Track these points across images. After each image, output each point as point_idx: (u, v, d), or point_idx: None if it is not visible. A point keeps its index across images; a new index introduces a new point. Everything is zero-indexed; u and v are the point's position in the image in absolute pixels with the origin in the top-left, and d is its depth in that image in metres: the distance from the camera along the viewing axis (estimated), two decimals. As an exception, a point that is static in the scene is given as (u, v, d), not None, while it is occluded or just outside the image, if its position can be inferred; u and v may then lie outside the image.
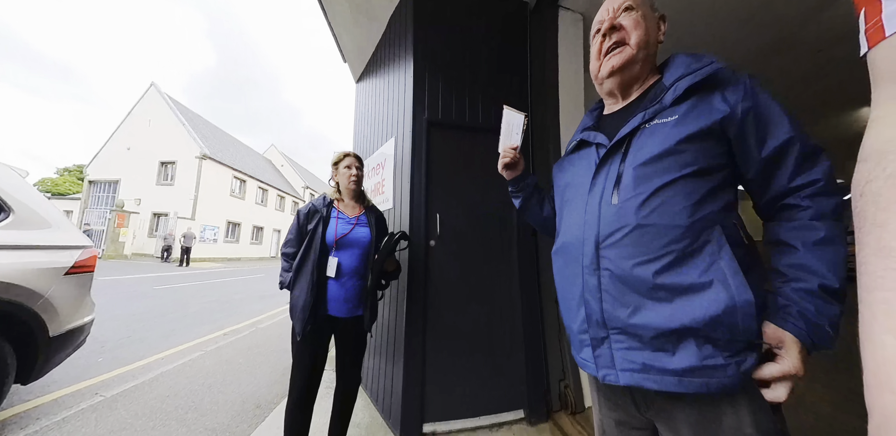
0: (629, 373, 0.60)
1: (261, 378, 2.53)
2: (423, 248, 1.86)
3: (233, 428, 1.83)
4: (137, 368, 2.66)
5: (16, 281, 1.57)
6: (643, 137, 0.64)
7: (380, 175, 2.40)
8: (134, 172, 17.10)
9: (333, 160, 1.53)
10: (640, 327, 0.58)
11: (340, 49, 3.10)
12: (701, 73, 0.61)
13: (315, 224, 1.40)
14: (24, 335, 1.65)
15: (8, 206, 1.70)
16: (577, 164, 0.79)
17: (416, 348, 1.77)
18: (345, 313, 1.38)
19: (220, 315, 4.70)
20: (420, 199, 1.89)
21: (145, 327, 3.86)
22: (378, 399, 1.97)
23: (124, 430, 1.78)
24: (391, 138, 2.23)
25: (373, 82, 2.90)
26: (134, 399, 2.12)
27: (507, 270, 1.97)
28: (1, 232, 1.62)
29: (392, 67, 2.42)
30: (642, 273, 0.58)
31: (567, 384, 1.91)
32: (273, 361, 2.92)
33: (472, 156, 2.03)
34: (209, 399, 2.16)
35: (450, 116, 2.00)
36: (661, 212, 0.59)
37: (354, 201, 1.55)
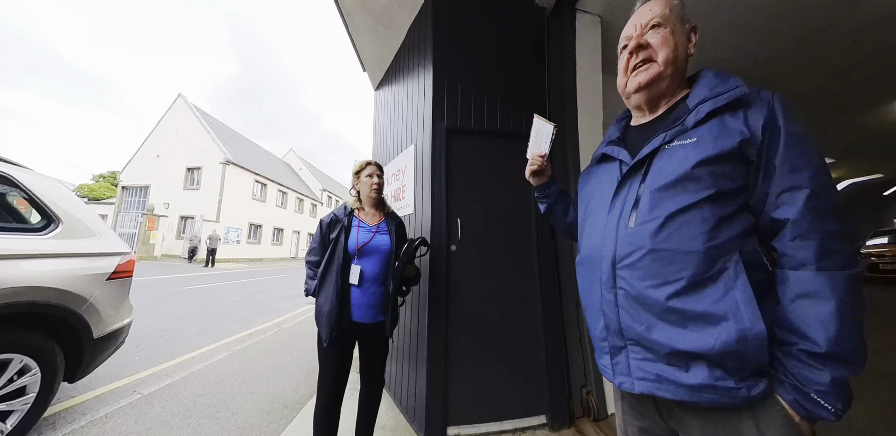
0: (644, 382, 0.61)
1: (287, 378, 2.61)
2: (444, 253, 1.88)
3: (263, 427, 1.89)
4: (171, 366, 2.80)
5: (64, 287, 1.68)
6: (663, 159, 0.64)
7: (400, 181, 2.44)
8: (163, 177, 18.12)
9: (355, 169, 1.57)
10: (655, 342, 0.59)
11: (360, 58, 3.17)
12: (724, 98, 0.61)
13: (337, 233, 1.44)
14: (70, 337, 1.76)
15: (58, 217, 1.81)
16: (601, 178, 0.79)
17: (439, 352, 1.79)
18: (368, 319, 1.41)
19: (246, 314, 4.87)
20: (440, 204, 1.91)
21: (176, 325, 4.04)
22: (402, 402, 2.00)
23: (162, 427, 1.88)
24: (411, 145, 2.26)
25: (392, 90, 2.95)
26: (169, 397, 2.23)
27: (527, 274, 1.97)
28: (52, 241, 1.73)
29: (411, 76, 2.46)
30: (655, 295, 0.58)
31: (590, 391, 1.89)
32: (298, 361, 3.01)
33: (491, 161, 2.04)
34: (239, 399, 2.24)
35: (468, 123, 2.02)
36: (675, 237, 0.58)
37: (375, 209, 1.58)
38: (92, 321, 1.81)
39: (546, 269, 1.97)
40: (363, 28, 2.72)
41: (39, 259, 1.64)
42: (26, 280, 1.55)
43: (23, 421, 1.60)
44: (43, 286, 1.60)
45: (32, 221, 1.80)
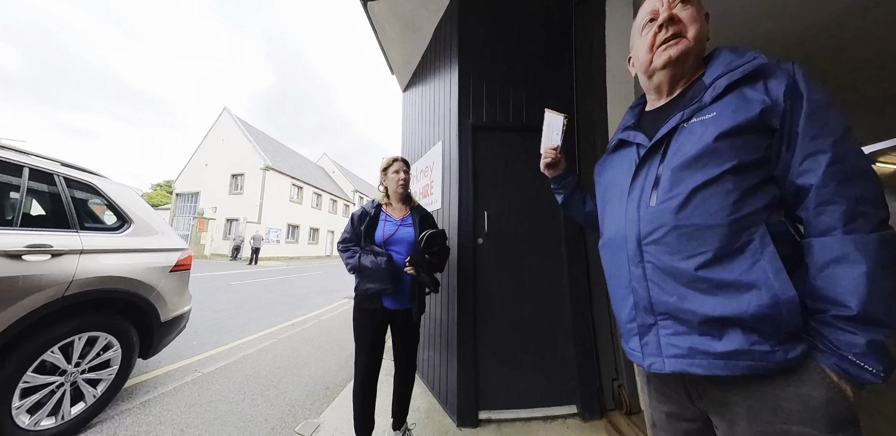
0: (675, 359, 0.60)
1: (327, 364, 2.79)
2: (471, 245, 1.94)
3: (307, 405, 2.06)
4: (224, 351, 3.07)
5: (137, 277, 1.94)
6: (682, 137, 0.63)
7: (428, 177, 2.53)
8: (211, 184, 19.68)
9: (382, 166, 1.62)
10: (688, 311, 0.58)
11: (389, 62, 3.31)
12: (741, 71, 0.60)
13: (365, 226, 1.53)
14: (143, 320, 2.01)
15: (130, 218, 2.09)
16: (617, 164, 0.79)
17: (468, 340, 1.86)
18: (397, 306, 1.49)
19: (288, 308, 5.19)
20: (468, 198, 1.97)
21: (227, 316, 4.41)
22: (434, 387, 2.09)
23: (221, 401, 2.10)
24: (438, 142, 2.34)
25: (419, 91, 3.06)
26: (225, 376, 2.47)
27: (555, 266, 1.98)
28: (125, 239, 2.00)
29: (437, 75, 2.54)
30: (683, 266, 0.59)
31: (621, 384, 1.87)
32: (336, 349, 3.19)
33: (518, 154, 2.06)
34: (286, 380, 2.44)
35: (494, 119, 2.06)
36: (698, 212, 0.58)
37: (402, 204, 1.63)
38: (159, 307, 2.06)
39: (575, 261, 1.96)
40: (391, 34, 2.84)
41: (117, 254, 1.90)
42: (108, 271, 1.81)
43: (109, 389, 1.86)
44: (120, 276, 1.86)
45: (108, 221, 2.07)
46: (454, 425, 1.77)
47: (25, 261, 1.51)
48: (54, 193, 1.79)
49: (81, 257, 1.71)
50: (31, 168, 1.72)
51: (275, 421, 1.87)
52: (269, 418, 1.90)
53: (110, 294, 1.82)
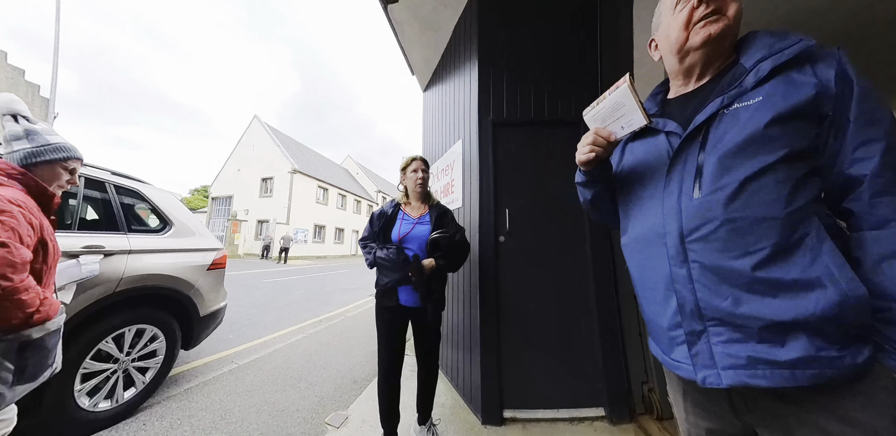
0: (732, 371, 0.53)
1: (354, 359, 2.87)
2: (492, 243, 1.93)
3: (336, 398, 2.13)
4: (257, 344, 3.23)
5: (178, 275, 2.09)
6: (724, 124, 0.58)
7: (449, 176, 2.54)
8: (243, 188, 20.81)
9: (402, 166, 1.63)
10: (746, 316, 0.52)
11: (409, 63, 3.35)
12: (788, 53, 0.55)
13: (382, 225, 1.56)
14: (184, 314, 2.16)
15: (171, 221, 2.25)
16: (643, 154, 0.72)
17: (491, 338, 1.85)
18: (413, 303, 1.49)
19: (316, 304, 5.38)
20: (488, 196, 1.96)
21: (260, 312, 4.62)
22: (458, 384, 2.10)
23: (256, 390, 2.22)
24: (458, 141, 2.35)
25: (439, 90, 3.07)
26: (259, 368, 2.61)
27: (579, 263, 1.93)
28: (167, 239, 2.16)
29: (457, 73, 2.54)
30: (738, 266, 0.53)
31: (651, 388, 1.80)
32: (362, 344, 3.28)
33: (539, 150, 2.03)
34: (315, 373, 2.53)
35: (514, 115, 2.03)
36: (752, 204, 0.53)
37: (420, 202, 1.63)
38: (198, 302, 2.21)
39: (600, 259, 1.91)
40: (411, 35, 2.87)
41: (160, 253, 2.06)
42: (152, 269, 1.95)
43: (156, 376, 2.01)
44: (163, 274, 2.01)
45: (151, 224, 2.24)
46: (479, 423, 1.77)
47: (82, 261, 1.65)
48: (106, 200, 1.96)
49: (129, 257, 1.87)
50: (87, 177, 1.89)
51: (306, 412, 1.95)
52: (300, 409, 1.98)
53: (155, 290, 1.98)
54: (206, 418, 1.85)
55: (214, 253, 2.42)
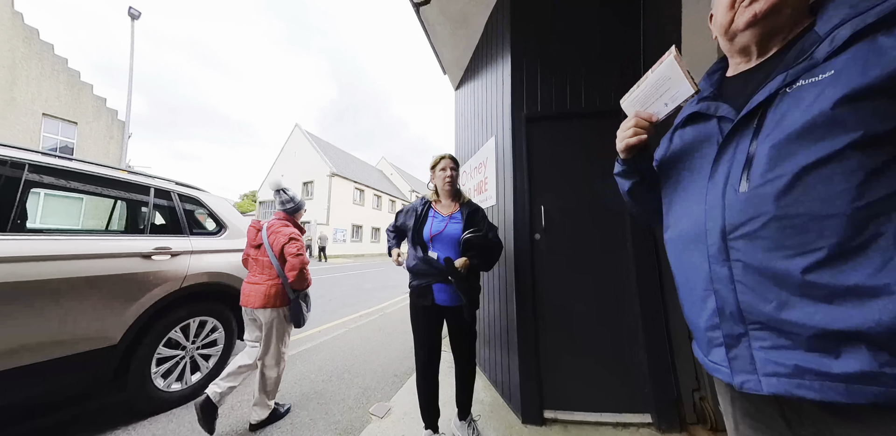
0: (775, 379, 0.48)
1: (393, 353, 2.97)
2: (528, 241, 1.89)
3: (379, 389, 2.22)
4: (304, 336, 3.45)
5: (233, 272, 2.30)
6: (784, 105, 0.50)
7: (482, 173, 2.53)
8: None
9: (431, 164, 1.65)
10: (792, 323, 0.47)
11: (441, 62, 3.37)
12: (875, 13, 0.44)
13: (414, 223, 1.57)
14: (240, 309, 2.29)
15: (225, 224, 2.49)
16: (690, 142, 0.66)
17: (528, 338, 1.82)
18: (448, 302, 1.48)
19: (356, 300, 5.61)
20: (522, 193, 1.93)
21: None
22: (497, 382, 2.09)
23: (305, 379, 2.38)
24: (491, 138, 2.33)
25: (471, 87, 3.06)
26: (306, 359, 2.78)
27: (621, 261, 1.83)
28: (223, 241, 2.39)
29: (488, 70, 2.52)
30: (787, 267, 0.47)
31: (703, 397, 1.67)
32: (402, 339, 3.38)
33: (575, 143, 1.95)
34: (358, 365, 2.65)
35: (549, 108, 1.97)
36: (809, 198, 0.46)
37: (451, 200, 1.63)
38: None
39: (643, 257, 1.80)
40: (443, 34, 2.89)
41: (217, 253, 2.27)
42: (211, 267, 2.17)
43: (217, 363, 2.22)
44: (220, 272, 2.22)
45: (209, 227, 2.47)
46: (518, 421, 1.75)
47: (154, 260, 1.90)
48: (171, 207, 2.22)
49: (192, 257, 2.09)
50: (156, 188, 2.15)
51: (351, 401, 2.06)
52: (345, 399, 2.09)
53: (214, 286, 2.19)
54: (261, 403, 2.01)
55: None
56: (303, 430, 1.75)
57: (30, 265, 1.45)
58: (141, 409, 1.83)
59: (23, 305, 1.41)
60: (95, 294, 1.62)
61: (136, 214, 2.34)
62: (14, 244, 1.44)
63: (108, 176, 1.91)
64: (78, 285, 1.57)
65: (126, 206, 2.46)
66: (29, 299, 1.43)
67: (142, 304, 1.78)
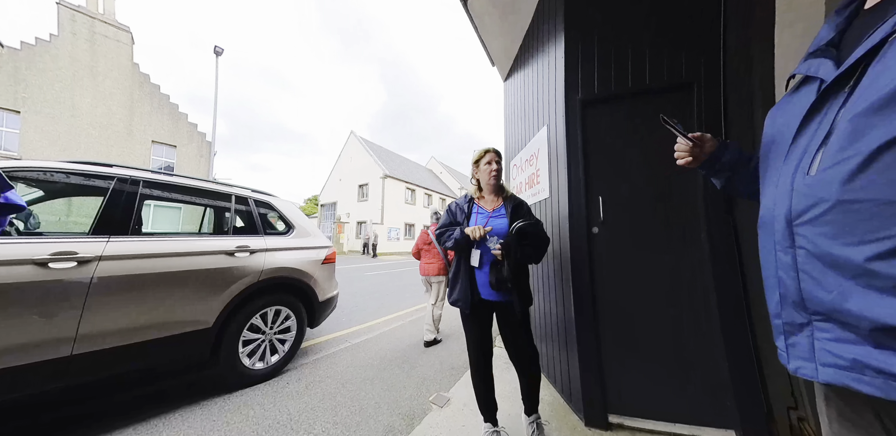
0: (833, 369, 0.46)
1: (450, 346, 3.03)
2: (584, 235, 1.78)
3: (437, 380, 2.29)
4: (365, 327, 3.66)
5: (301, 268, 2.55)
6: (886, 61, 0.40)
7: (534, 166, 2.45)
8: (344, 194, 24.04)
9: (474, 159, 1.60)
10: (852, 314, 0.43)
11: (489, 54, 3.33)
12: None
13: (459, 221, 1.56)
14: (307, 299, 2.62)
15: (293, 225, 2.76)
16: (789, 112, 0.57)
17: (588, 338, 1.72)
18: (496, 298, 1.45)
19: (409, 296, 5.80)
20: (578, 183, 1.81)
21: (364, 300, 5.22)
22: (556, 381, 2.01)
23: (369, 366, 2.55)
24: (543, 127, 2.24)
25: (520, 77, 2.97)
26: (368, 348, 2.96)
27: (694, 256, 1.64)
28: (291, 240, 2.63)
29: (539, 56, 2.40)
30: (850, 255, 0.43)
31: (803, 417, 1.40)
32: (456, 334, 3.43)
33: (639, 125, 1.78)
34: (415, 357, 2.76)
35: (608, 88, 1.81)
36: (880, 183, 0.40)
37: (494, 195, 1.59)
38: (317, 290, 2.66)
39: (721, 252, 1.58)
40: (491, 24, 2.85)
41: (287, 251, 2.53)
42: (282, 263, 2.43)
43: (291, 347, 2.48)
44: (290, 267, 2.47)
45: (279, 228, 2.76)
46: (581, 423, 1.67)
47: (236, 257, 2.18)
48: (248, 211, 2.54)
49: (266, 254, 2.36)
50: (236, 195, 2.49)
51: (411, 389, 2.15)
52: (406, 386, 2.19)
53: (285, 280, 2.45)
54: (331, 385, 2.22)
55: (326, 250, 2.89)
56: (370, 411, 1.88)
57: (146, 261, 1.77)
58: (232, 383, 2.13)
59: (144, 292, 1.73)
60: (193, 285, 1.92)
61: (221, 218, 2.69)
62: (134, 245, 1.77)
63: (200, 187, 2.27)
64: (181, 277, 1.88)
65: (213, 211, 2.85)
66: (148, 288, 1.74)
67: (228, 294, 2.06)
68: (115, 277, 1.64)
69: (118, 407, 1.86)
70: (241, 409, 1.89)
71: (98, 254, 1.63)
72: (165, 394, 2.04)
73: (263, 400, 1.99)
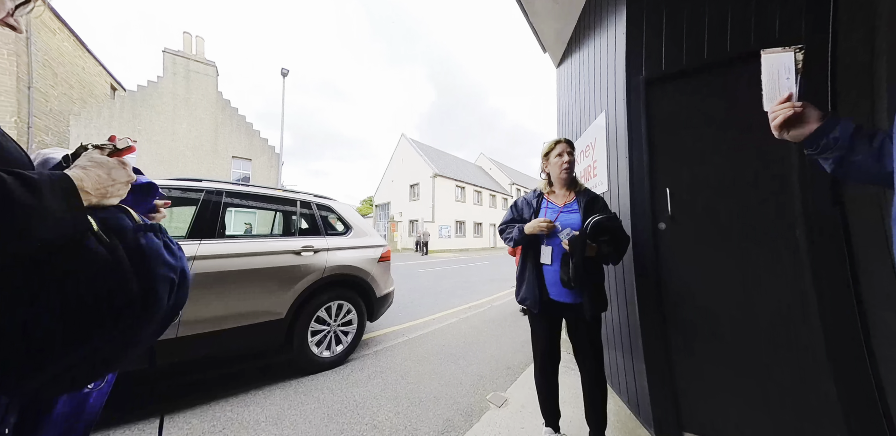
0: None
1: (504, 346, 2.99)
2: (649, 233, 1.60)
3: (493, 379, 2.27)
4: (420, 323, 3.77)
5: (359, 265, 2.73)
6: None
7: (590, 157, 2.29)
8: (396, 195, 25.03)
9: (544, 151, 1.51)
10: None
11: (540, 40, 3.17)
12: None
13: (527, 214, 1.49)
14: (366, 295, 2.79)
15: (350, 225, 2.96)
16: None
17: (656, 348, 1.55)
18: (566, 299, 1.37)
19: (463, 293, 5.84)
20: (641, 173, 1.64)
21: (419, 296, 5.37)
22: (622, 391, 1.87)
23: (425, 360, 2.62)
24: (601, 113, 2.07)
25: (575, 60, 2.78)
26: (424, 343, 3.05)
27: (787, 256, 1.37)
28: (350, 239, 2.82)
29: (597, 34, 2.22)
30: None
31: None
32: (511, 333, 3.38)
33: (715, 103, 1.55)
34: (471, 353, 2.78)
35: (678, 63, 1.60)
36: None
37: (566, 189, 1.50)
38: (374, 286, 2.83)
39: (822, 251, 1.30)
40: (541, 8, 2.69)
41: (346, 250, 2.72)
42: (342, 261, 2.61)
43: (354, 338, 2.67)
44: (350, 265, 2.65)
45: (338, 228, 2.96)
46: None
47: (303, 256, 2.40)
48: (311, 214, 2.78)
49: (328, 253, 2.57)
50: (301, 200, 2.75)
51: (468, 386, 2.17)
52: (462, 383, 2.22)
53: (345, 277, 2.63)
54: (391, 376, 2.33)
55: (381, 249, 3.06)
56: (428, 404, 1.94)
57: (230, 260, 2.05)
58: (303, 368, 2.36)
59: (230, 287, 2.00)
60: (268, 280, 2.17)
61: (288, 221, 2.98)
62: (220, 246, 2.05)
63: (270, 195, 2.54)
64: (258, 274, 2.13)
65: (282, 215, 3.15)
66: (231, 283, 2.01)
67: (297, 288, 2.29)
68: (206, 274, 1.92)
69: (213, 382, 2.18)
70: (312, 392, 2.08)
71: (193, 254, 1.92)
72: (251, 374, 2.32)
73: (332, 385, 2.17)
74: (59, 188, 0.44)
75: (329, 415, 1.81)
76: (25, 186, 0.39)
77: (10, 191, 0.37)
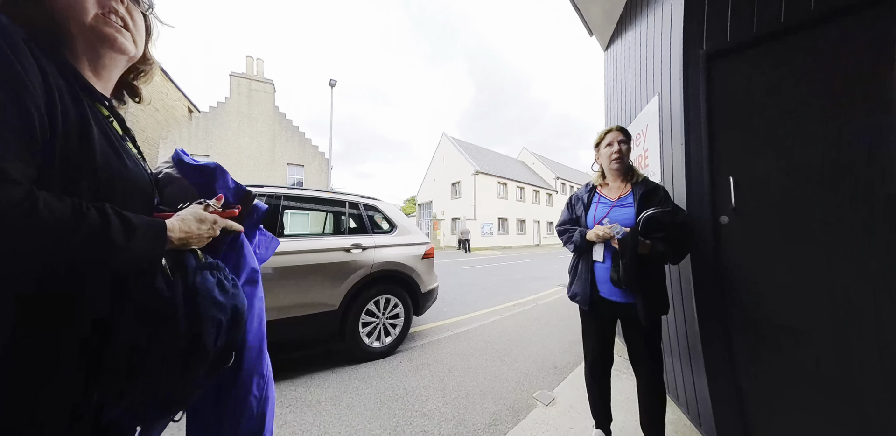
0: None
1: (550, 345, 2.92)
2: (709, 227, 1.44)
3: (539, 378, 2.24)
4: (464, 319, 3.81)
5: (404, 262, 2.84)
6: None
7: (641, 146, 2.15)
8: (439, 193, 25.35)
9: (595, 141, 1.44)
10: None
11: (586, 23, 3.04)
12: None
13: (580, 213, 1.44)
14: (412, 290, 2.90)
15: (395, 224, 3.09)
16: None
17: (720, 356, 1.40)
18: (618, 298, 1.29)
19: (507, 290, 5.78)
20: (699, 160, 1.48)
21: (462, 293, 5.41)
22: (680, 400, 1.73)
23: (471, 356, 2.66)
24: (654, 96, 1.92)
25: (625, 40, 2.61)
26: (469, 339, 3.08)
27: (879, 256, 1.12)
28: (395, 237, 2.94)
29: (649, 11, 2.05)
30: None
31: None
32: (557, 332, 3.29)
33: (791, 75, 1.32)
34: (516, 351, 2.75)
35: (748, 30, 1.40)
36: None
37: (621, 181, 1.39)
38: (419, 282, 2.93)
39: None
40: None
41: (392, 247, 2.85)
42: (388, 258, 2.74)
43: (401, 331, 2.79)
44: (395, 262, 2.77)
45: (384, 227, 3.10)
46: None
47: (352, 253, 2.56)
48: (359, 214, 2.95)
49: (375, 250, 2.72)
50: (349, 201, 2.92)
51: (514, 383, 2.16)
52: (508, 379, 2.21)
53: (392, 273, 2.76)
54: (438, 369, 2.39)
55: (425, 246, 3.16)
56: (475, 397, 1.97)
57: (290, 257, 2.25)
58: (356, 356, 2.52)
59: (290, 281, 2.21)
60: (322, 275, 2.35)
61: (338, 221, 3.16)
62: (282, 244, 2.22)
63: (321, 197, 2.74)
64: (313, 269, 2.33)
65: (332, 215, 3.35)
66: (292, 277, 2.22)
67: (348, 283, 2.45)
68: (272, 269, 2.14)
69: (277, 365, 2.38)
70: (365, 379, 2.21)
71: (260, 252, 2.15)
72: (308, 360, 2.53)
73: (383, 374, 2.30)
74: (152, 234, 0.51)
75: (381, 400, 1.92)
76: (125, 229, 0.46)
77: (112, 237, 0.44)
